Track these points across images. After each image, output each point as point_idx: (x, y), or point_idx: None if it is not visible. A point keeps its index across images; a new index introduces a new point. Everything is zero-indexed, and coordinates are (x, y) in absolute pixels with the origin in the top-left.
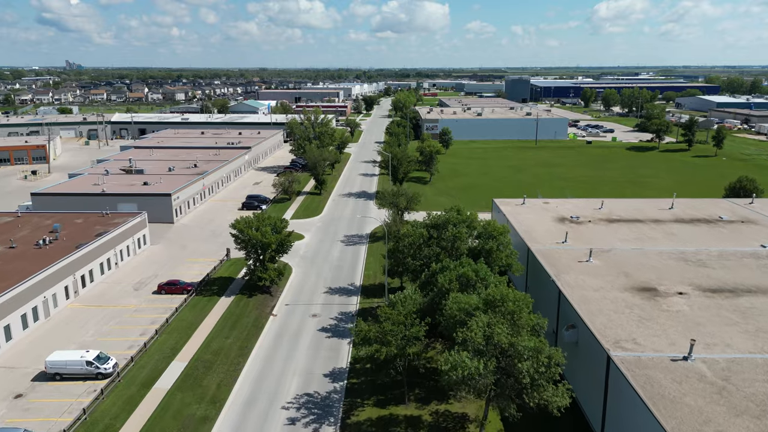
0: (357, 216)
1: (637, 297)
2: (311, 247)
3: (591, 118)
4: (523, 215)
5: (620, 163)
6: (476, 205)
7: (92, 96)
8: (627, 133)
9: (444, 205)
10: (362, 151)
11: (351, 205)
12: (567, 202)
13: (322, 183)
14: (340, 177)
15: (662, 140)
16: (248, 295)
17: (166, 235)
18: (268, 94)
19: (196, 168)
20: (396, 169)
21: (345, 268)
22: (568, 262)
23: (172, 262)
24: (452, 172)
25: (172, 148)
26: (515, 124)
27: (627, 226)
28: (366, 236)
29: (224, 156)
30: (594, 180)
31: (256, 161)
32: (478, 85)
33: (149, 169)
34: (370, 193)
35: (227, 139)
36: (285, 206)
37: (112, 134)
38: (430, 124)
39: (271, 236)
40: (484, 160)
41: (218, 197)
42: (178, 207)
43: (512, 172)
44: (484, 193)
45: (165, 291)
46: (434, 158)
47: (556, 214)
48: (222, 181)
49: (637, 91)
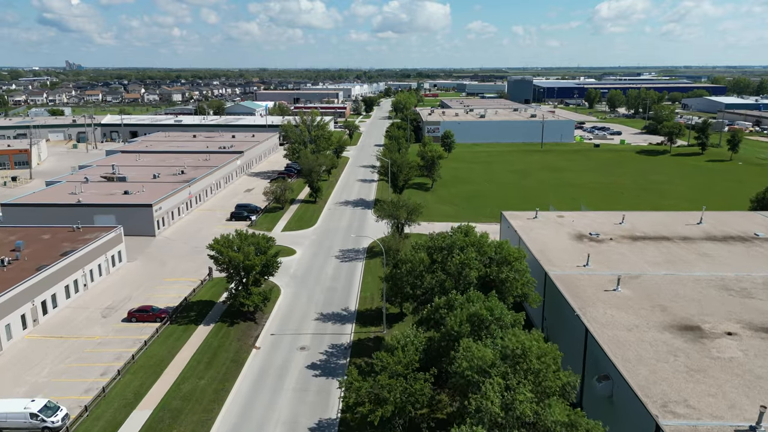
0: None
1: (680, 338)
2: (303, 263)
3: (596, 119)
4: (537, 231)
5: (631, 168)
6: (481, 215)
7: (87, 97)
8: (635, 136)
9: (447, 214)
10: (361, 154)
11: (348, 214)
12: (583, 215)
13: (317, 190)
14: (337, 183)
15: (674, 144)
16: (229, 323)
17: (146, 250)
18: (266, 95)
19: (183, 175)
20: (396, 176)
21: (339, 289)
22: (593, 291)
23: (149, 283)
24: (455, 178)
25: (161, 153)
26: (519, 126)
27: (654, 244)
28: (363, 251)
29: (214, 161)
30: (605, 187)
31: (250, 166)
32: (480, 86)
33: (133, 176)
34: (369, 201)
35: (220, 143)
36: (277, 216)
37: (102, 137)
38: (431, 126)
39: (255, 258)
40: (488, 165)
41: (206, 206)
42: (161, 218)
43: (518, 177)
44: (489, 201)
45: (136, 318)
46: (436, 164)
47: (572, 229)
48: (211, 189)
49: (644, 92)
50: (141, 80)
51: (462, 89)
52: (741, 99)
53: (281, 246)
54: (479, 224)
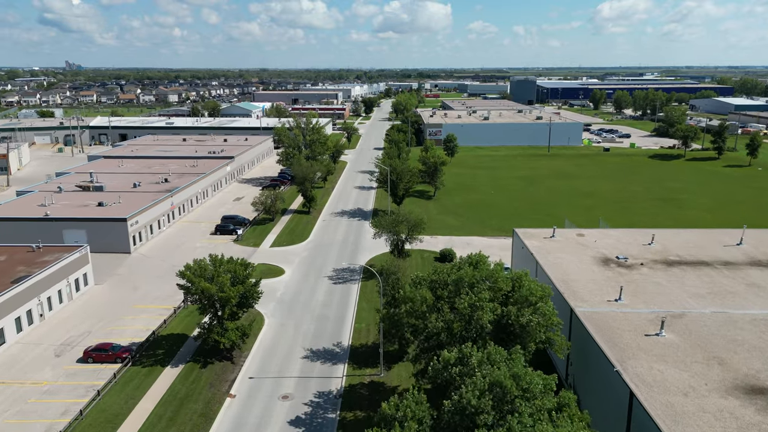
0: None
1: (750, 407)
2: (291, 286)
3: (603, 121)
4: (556, 254)
5: (645, 175)
6: (488, 227)
7: (82, 98)
8: (645, 139)
9: (451, 227)
10: (360, 158)
11: (344, 226)
12: (606, 234)
13: (311, 200)
14: (334, 190)
15: (689, 148)
16: (202, 364)
17: (117, 271)
18: (264, 96)
19: (167, 183)
20: (396, 185)
21: (331, 318)
22: (631, 335)
23: (116, 311)
24: (458, 185)
25: (146, 158)
26: (525, 129)
27: (693, 271)
28: (359, 270)
29: (202, 167)
30: (620, 196)
31: (241, 172)
32: (482, 86)
33: (112, 184)
34: (367, 211)
35: (210, 147)
36: (266, 229)
37: (90, 140)
38: (433, 129)
39: (231, 289)
40: (493, 171)
41: (191, 217)
42: (137, 233)
43: (525, 184)
44: (495, 211)
45: (93, 359)
46: (439, 170)
47: (596, 252)
48: (197, 198)
49: (651, 93)
50: (139, 81)
51: (463, 90)
52: (751, 100)
53: (268, 265)
54: (486, 238)
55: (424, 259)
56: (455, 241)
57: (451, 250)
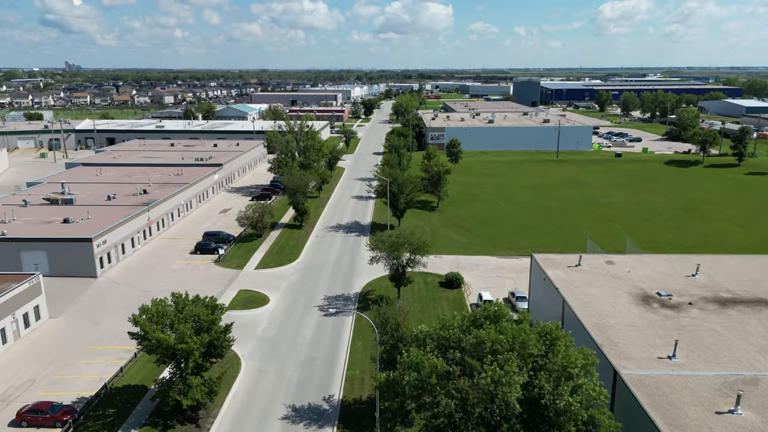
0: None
1: None
2: (276, 318)
3: (611, 123)
4: (585, 288)
5: (663, 183)
6: (498, 245)
7: (75, 99)
8: (657, 143)
9: (457, 244)
10: (358, 164)
11: (338, 244)
12: (639, 260)
13: (304, 213)
14: (329, 201)
15: (707, 153)
16: (161, 427)
17: (78, 299)
18: (262, 97)
19: (145, 195)
20: (396, 197)
21: (319, 361)
22: (698, 413)
23: (69, 352)
24: (463, 195)
25: (127, 166)
26: (532, 132)
27: (753, 314)
28: (354, 298)
29: (187, 176)
30: (639, 207)
31: (230, 180)
32: (484, 87)
33: (85, 196)
34: (364, 224)
35: (199, 153)
36: (253, 247)
37: (76, 144)
38: (435, 132)
39: (194, 339)
40: (499, 178)
41: (171, 233)
42: (105, 254)
43: (536, 194)
44: (505, 225)
45: (27, 423)
46: (443, 179)
47: (632, 285)
48: (179, 210)
49: (661, 95)
50: (136, 81)
51: (465, 91)
52: (762, 102)
53: (251, 292)
54: (496, 258)
55: (428, 285)
56: (462, 261)
57: (458, 274)
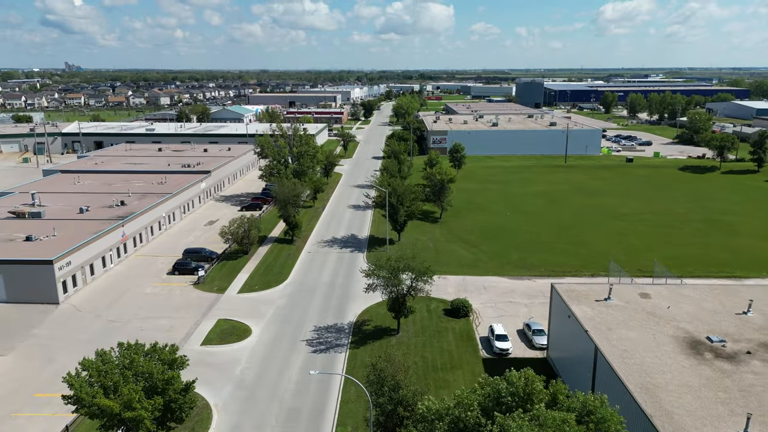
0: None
1: None
2: (257, 356)
3: (618, 126)
4: (620, 331)
5: (680, 192)
6: (507, 263)
7: (69, 100)
8: (668, 147)
9: (462, 262)
10: (356, 170)
11: (332, 261)
12: (678, 293)
13: (295, 227)
14: (324, 211)
15: (725, 159)
16: None
17: (34, 332)
18: (260, 99)
19: (122, 207)
20: (396, 209)
21: (305, 414)
22: None
23: (11, 402)
24: (468, 204)
25: (109, 173)
26: (538, 136)
27: None
28: (348, 330)
29: (171, 185)
30: (657, 219)
31: (220, 188)
32: (486, 88)
33: (56, 209)
34: (361, 238)
35: (187, 158)
36: (237, 265)
37: (63, 148)
38: (437, 136)
39: (143, 406)
40: (505, 185)
41: (149, 249)
42: (70, 277)
43: (545, 203)
44: (514, 240)
45: None
46: (446, 188)
47: (675, 327)
48: (160, 223)
49: (669, 96)
50: (134, 82)
51: (467, 92)
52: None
53: (232, 322)
54: (507, 279)
55: (432, 313)
56: (469, 282)
57: (465, 301)
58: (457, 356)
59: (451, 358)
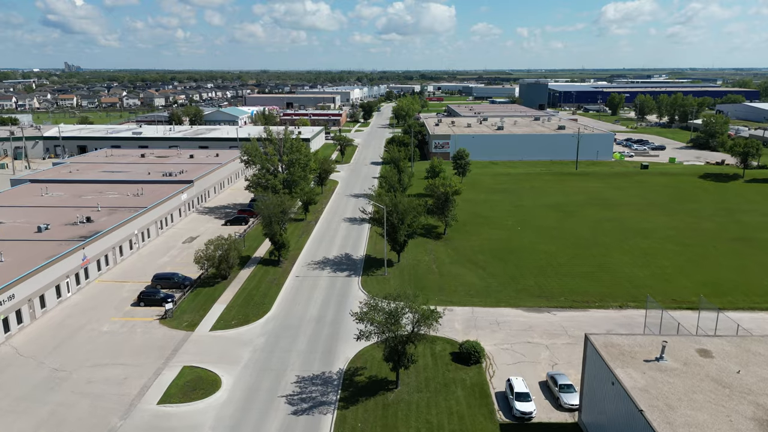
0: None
1: None
2: (225, 420)
3: (627, 129)
4: (685, 412)
5: (705, 203)
6: (522, 289)
7: (61, 101)
8: (682, 151)
9: (470, 289)
10: (354, 177)
11: (323, 288)
12: (746, 348)
13: (282, 247)
14: (317, 225)
15: (748, 166)
16: None
17: None
18: (257, 100)
19: (87, 224)
20: (395, 228)
21: None
22: None
23: None
24: (474, 217)
25: (81, 183)
26: (546, 140)
27: None
28: (337, 381)
29: (148, 197)
30: (687, 236)
31: (205, 198)
32: (488, 89)
33: (10, 227)
34: (356, 259)
35: (170, 166)
36: (214, 294)
37: (44, 153)
38: (439, 140)
39: None
40: (514, 195)
41: (114, 273)
42: (14, 313)
43: (559, 217)
44: (528, 260)
45: None
46: (451, 201)
47: (755, 404)
48: (131, 242)
49: (680, 98)
50: (132, 82)
51: (468, 92)
52: None
53: (198, 370)
54: (523, 311)
55: (437, 359)
56: (479, 316)
57: (476, 344)
58: (470, 421)
59: (461, 423)
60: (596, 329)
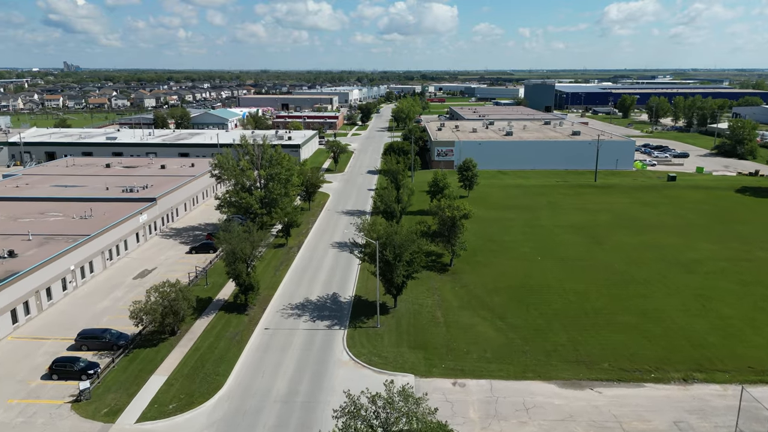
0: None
1: None
2: None
3: (642, 133)
4: None
5: (752, 225)
6: (551, 349)
7: (47, 102)
8: (706, 159)
9: (487, 345)
10: (347, 188)
11: (297, 349)
12: None
13: (249, 289)
14: (299, 253)
15: None
16: None
17: None
18: (251, 101)
19: (9, 260)
20: (391, 266)
21: None
22: None
23: None
24: (485, 242)
25: (24, 201)
26: (561, 148)
27: None
28: None
29: (97, 220)
30: (745, 270)
31: (172, 217)
32: (491, 90)
33: None
34: (343, 302)
35: (136, 178)
36: (153, 359)
37: (9, 159)
38: (443, 147)
39: None
40: (529, 213)
41: (34, 326)
42: None
43: (585, 243)
44: (555, 304)
45: None
46: (458, 227)
47: None
48: (64, 281)
49: (699, 100)
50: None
51: (471, 93)
52: None
53: None
54: (556, 387)
55: None
56: (500, 394)
57: None
58: None
59: None
60: (659, 418)
